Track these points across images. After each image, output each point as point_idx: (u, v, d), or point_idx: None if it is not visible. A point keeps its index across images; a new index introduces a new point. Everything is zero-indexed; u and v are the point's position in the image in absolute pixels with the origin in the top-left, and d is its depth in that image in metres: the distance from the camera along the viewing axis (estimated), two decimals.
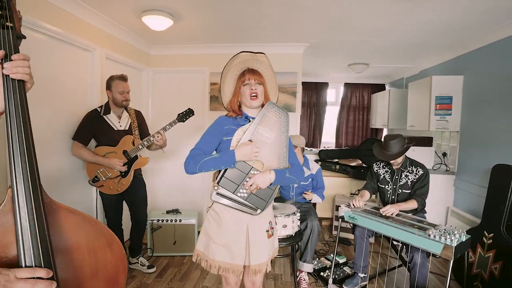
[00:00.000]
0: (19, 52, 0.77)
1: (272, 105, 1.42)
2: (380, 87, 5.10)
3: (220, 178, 1.39)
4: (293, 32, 2.87)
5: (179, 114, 2.26)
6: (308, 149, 5.11)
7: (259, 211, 1.43)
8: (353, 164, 3.97)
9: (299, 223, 2.44)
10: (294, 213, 2.37)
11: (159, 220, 2.77)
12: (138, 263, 2.52)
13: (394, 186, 2.40)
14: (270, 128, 1.42)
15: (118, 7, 2.25)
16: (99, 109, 2.24)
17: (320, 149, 4.73)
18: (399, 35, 2.82)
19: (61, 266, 0.81)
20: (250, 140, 1.38)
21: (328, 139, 5.62)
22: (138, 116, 2.41)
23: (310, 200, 2.72)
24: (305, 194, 2.66)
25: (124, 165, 2.20)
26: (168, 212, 2.88)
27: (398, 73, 4.58)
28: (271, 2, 2.16)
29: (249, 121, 1.44)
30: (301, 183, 2.79)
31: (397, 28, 2.65)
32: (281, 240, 2.30)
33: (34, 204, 0.72)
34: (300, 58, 3.32)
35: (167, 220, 2.78)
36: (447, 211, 3.16)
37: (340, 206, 2.37)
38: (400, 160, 2.33)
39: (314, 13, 2.35)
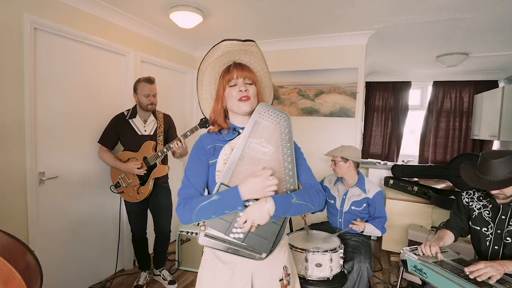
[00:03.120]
0: None
1: (265, 107, 1.02)
2: (490, 85, 3.79)
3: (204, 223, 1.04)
4: (351, 18, 2.28)
5: (201, 119, 2.00)
6: (381, 162, 4.22)
7: (264, 255, 1.02)
8: (439, 186, 2.99)
9: (341, 262, 1.85)
10: (335, 249, 1.79)
11: (188, 232, 2.58)
12: (160, 275, 2.37)
13: (498, 231, 1.54)
14: (267, 139, 1.02)
15: (145, 5, 2.16)
16: (125, 113, 2.19)
17: (394, 163, 3.81)
18: None
19: None
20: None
21: (410, 152, 4.55)
22: (166, 121, 2.28)
23: (362, 232, 2.06)
24: (354, 223, 2.02)
25: (144, 171, 2.08)
26: (199, 224, 2.67)
27: None
28: None
29: (239, 133, 1.08)
30: (352, 208, 2.16)
31: None
32: (313, 283, 1.76)
33: None
34: (363, 50, 2.66)
35: (196, 233, 2.56)
36: None
37: (407, 249, 1.66)
38: (510, 192, 1.48)
39: None
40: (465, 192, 1.71)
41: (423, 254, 1.56)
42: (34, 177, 1.81)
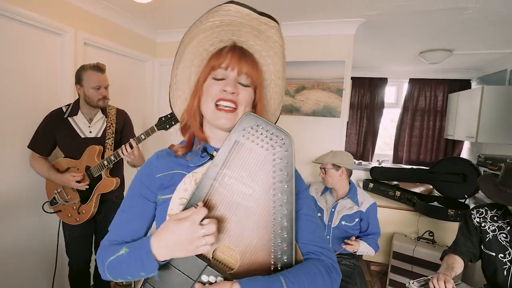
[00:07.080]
0: None
1: (254, 120, 0.61)
2: (463, 84, 3.78)
3: (143, 285, 0.64)
4: (341, 2, 1.95)
5: (160, 119, 1.54)
6: (356, 162, 4.06)
7: None
8: (417, 190, 2.87)
9: None
10: None
11: None
12: None
13: None
14: (251, 172, 0.62)
15: None
16: (64, 109, 1.66)
17: (372, 165, 3.66)
18: None
19: None
20: (196, 205, 0.58)
21: (384, 151, 4.48)
22: (120, 118, 1.77)
23: (355, 252, 1.78)
24: (347, 243, 1.73)
25: (86, 185, 1.59)
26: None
27: (496, 64, 3.24)
28: None
29: (211, 158, 0.68)
30: (343, 223, 1.87)
31: None
32: None
33: None
34: (351, 41, 2.36)
35: None
36: None
37: (415, 283, 1.41)
38: None
39: None
40: (475, 210, 1.49)
41: None
42: None
